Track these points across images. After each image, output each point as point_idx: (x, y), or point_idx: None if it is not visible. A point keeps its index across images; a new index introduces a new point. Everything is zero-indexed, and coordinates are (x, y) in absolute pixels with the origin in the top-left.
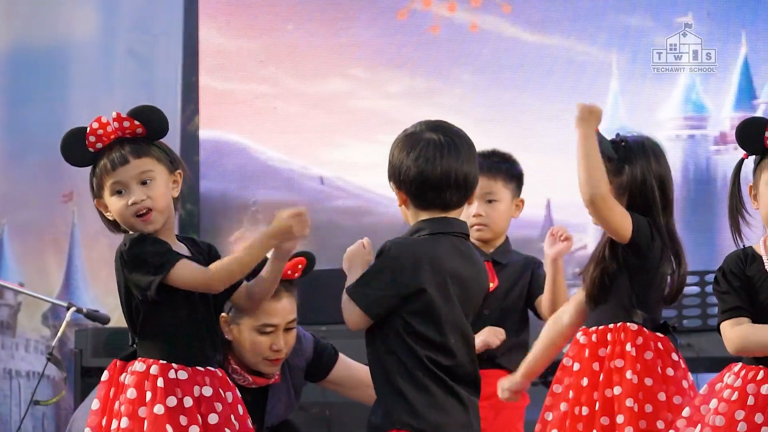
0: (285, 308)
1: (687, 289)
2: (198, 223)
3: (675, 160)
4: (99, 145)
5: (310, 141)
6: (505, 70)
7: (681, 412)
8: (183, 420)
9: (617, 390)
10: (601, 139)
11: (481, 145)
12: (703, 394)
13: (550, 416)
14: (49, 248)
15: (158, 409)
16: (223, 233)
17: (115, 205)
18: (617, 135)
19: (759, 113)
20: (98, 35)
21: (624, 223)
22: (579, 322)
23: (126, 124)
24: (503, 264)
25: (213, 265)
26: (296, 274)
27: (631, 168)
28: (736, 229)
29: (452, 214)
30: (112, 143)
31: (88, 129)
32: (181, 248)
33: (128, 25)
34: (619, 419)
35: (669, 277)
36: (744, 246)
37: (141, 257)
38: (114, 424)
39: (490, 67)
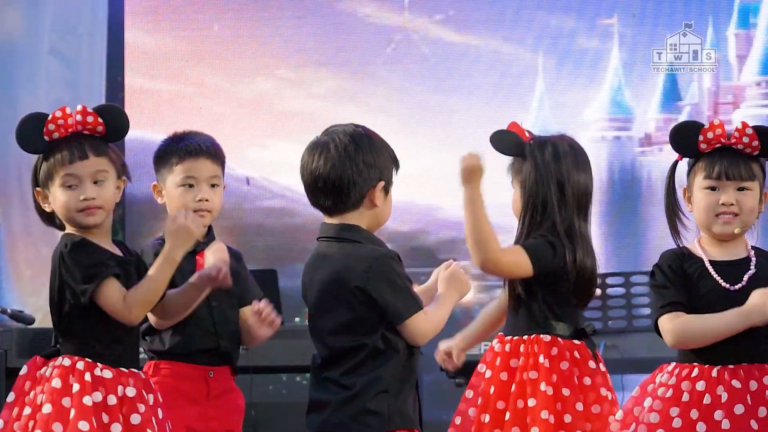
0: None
1: (612, 290)
2: (123, 224)
3: (600, 161)
4: (56, 135)
5: (236, 141)
6: (431, 71)
7: (601, 421)
8: (105, 418)
9: (531, 402)
10: (510, 136)
11: (407, 146)
12: (635, 396)
13: (459, 420)
14: None
15: (87, 400)
16: (148, 234)
17: (62, 197)
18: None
19: (683, 115)
20: (22, 34)
21: (521, 266)
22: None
23: (89, 119)
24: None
25: (128, 294)
26: None
27: (527, 166)
28: (674, 230)
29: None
30: (69, 136)
31: (50, 116)
32: (115, 250)
33: (52, 24)
34: (533, 431)
35: (576, 277)
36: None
37: (80, 263)
38: (26, 411)
39: (416, 67)
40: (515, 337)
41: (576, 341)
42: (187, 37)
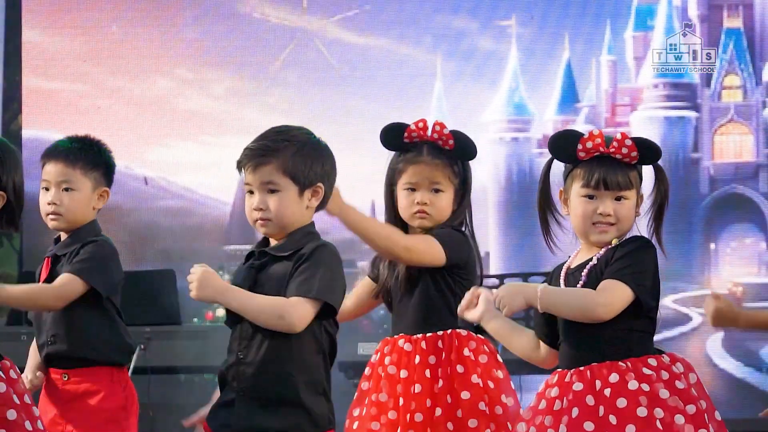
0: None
1: None
2: (21, 222)
3: (498, 162)
4: None
5: (134, 141)
6: (331, 72)
7: (513, 414)
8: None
9: (465, 395)
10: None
11: None
12: (528, 418)
13: (376, 426)
14: None
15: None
16: (44, 232)
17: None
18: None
19: (581, 116)
20: None
21: (434, 253)
22: None
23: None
24: (60, 255)
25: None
26: None
27: (467, 166)
28: (545, 229)
29: None
30: None
31: None
32: None
33: None
34: (472, 423)
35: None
36: (554, 251)
37: None
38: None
39: (316, 68)
40: (428, 334)
41: (481, 336)
42: (85, 36)
